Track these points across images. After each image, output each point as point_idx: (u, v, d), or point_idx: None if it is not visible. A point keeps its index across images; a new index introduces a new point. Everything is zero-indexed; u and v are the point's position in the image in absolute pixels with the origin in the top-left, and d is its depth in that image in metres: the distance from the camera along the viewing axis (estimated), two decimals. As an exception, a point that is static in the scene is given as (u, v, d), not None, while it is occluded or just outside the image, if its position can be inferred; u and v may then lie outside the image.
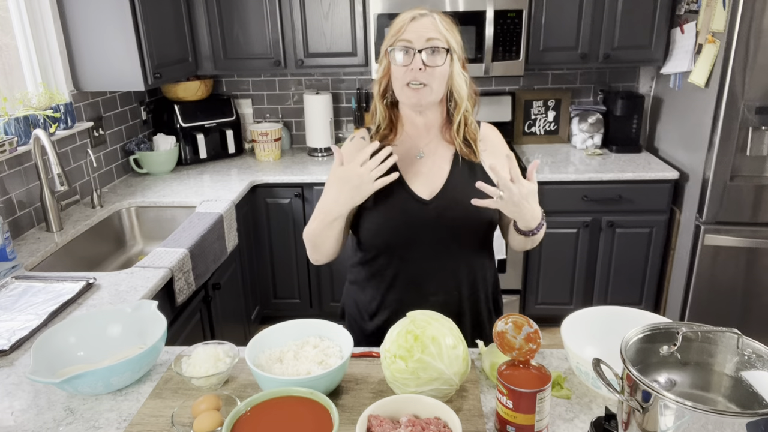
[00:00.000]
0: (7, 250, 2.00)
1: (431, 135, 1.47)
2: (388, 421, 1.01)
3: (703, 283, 2.81)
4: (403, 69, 1.35)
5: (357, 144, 1.50)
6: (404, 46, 1.35)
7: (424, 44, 1.34)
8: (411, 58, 1.34)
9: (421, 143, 1.47)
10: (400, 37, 1.35)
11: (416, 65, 1.34)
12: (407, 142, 1.47)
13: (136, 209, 2.70)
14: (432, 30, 1.35)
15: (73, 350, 1.32)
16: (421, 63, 1.33)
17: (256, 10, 2.98)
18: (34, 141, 2.18)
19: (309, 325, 1.31)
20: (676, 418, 0.81)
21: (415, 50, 1.34)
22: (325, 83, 3.49)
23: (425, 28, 1.34)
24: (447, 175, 1.44)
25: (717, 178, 2.64)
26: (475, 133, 1.47)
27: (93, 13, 2.53)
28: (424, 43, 1.34)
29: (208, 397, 1.12)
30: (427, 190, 1.43)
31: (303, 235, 1.57)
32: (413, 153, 1.46)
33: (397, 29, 1.36)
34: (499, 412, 1.07)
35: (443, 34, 1.35)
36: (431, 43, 1.34)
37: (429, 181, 1.44)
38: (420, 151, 1.46)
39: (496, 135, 1.54)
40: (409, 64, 1.34)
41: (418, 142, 1.47)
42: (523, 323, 1.12)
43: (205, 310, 2.36)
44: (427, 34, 1.34)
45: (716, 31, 2.55)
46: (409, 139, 1.48)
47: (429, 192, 1.43)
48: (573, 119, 3.37)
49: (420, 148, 1.47)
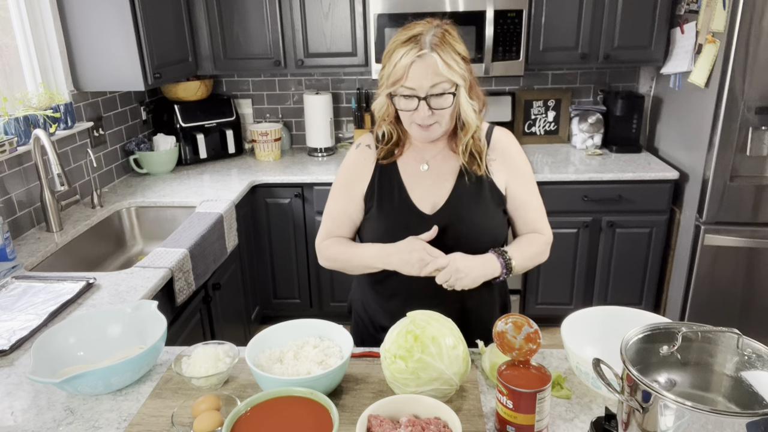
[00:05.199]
0: (7, 250, 2.00)
1: (438, 147, 1.44)
2: (388, 421, 1.01)
3: (703, 283, 2.81)
4: (409, 112, 1.31)
5: (363, 153, 1.47)
6: (408, 95, 1.29)
7: (428, 91, 1.27)
8: (416, 105, 1.29)
9: (426, 155, 1.44)
10: (403, 84, 1.28)
11: (423, 113, 1.29)
12: (412, 152, 1.44)
13: (136, 209, 2.70)
14: (434, 74, 1.26)
15: (73, 350, 1.32)
16: (427, 110, 1.28)
17: (256, 10, 2.98)
18: (34, 141, 2.18)
19: (309, 325, 1.31)
20: (676, 418, 0.81)
21: (420, 98, 1.28)
22: (325, 83, 3.49)
23: (428, 73, 1.26)
24: (451, 188, 1.40)
25: (717, 178, 2.64)
26: (481, 147, 1.41)
27: (93, 13, 2.53)
28: (428, 89, 1.27)
29: (208, 397, 1.12)
30: (430, 203, 1.40)
31: (321, 248, 1.51)
32: (417, 164, 1.43)
33: (399, 76, 1.28)
34: (499, 412, 1.07)
35: (446, 76, 1.27)
36: (436, 89, 1.27)
37: (432, 194, 1.41)
38: (425, 162, 1.43)
39: (509, 139, 1.48)
40: (415, 109, 1.30)
41: (423, 154, 1.44)
42: (523, 323, 1.12)
43: (205, 310, 2.36)
44: (431, 80, 1.26)
45: (716, 31, 2.55)
46: (415, 150, 1.44)
47: (431, 206, 1.40)
48: (573, 119, 3.37)
49: (425, 159, 1.43)
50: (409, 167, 1.43)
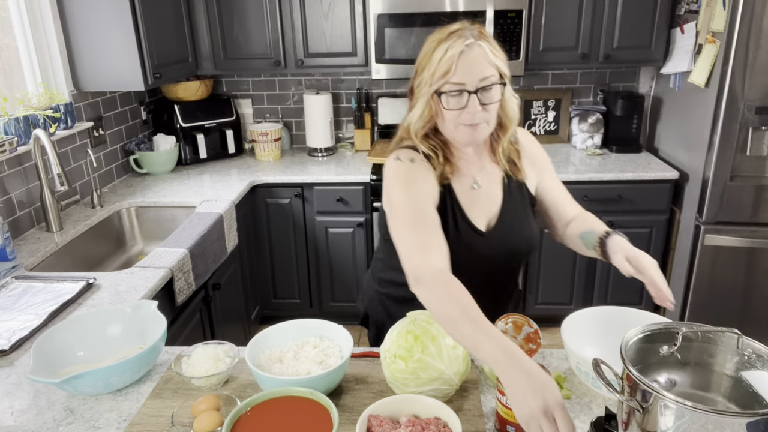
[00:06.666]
0: (7, 250, 2.00)
1: (483, 159, 1.38)
2: (388, 421, 1.01)
3: (703, 283, 2.81)
4: (457, 112, 1.23)
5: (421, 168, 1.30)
6: (456, 90, 1.21)
7: (478, 84, 1.20)
8: (465, 101, 1.21)
9: (474, 170, 1.37)
10: (451, 78, 1.20)
11: (473, 109, 1.21)
12: (461, 170, 1.36)
13: (136, 209, 2.70)
14: (485, 65, 1.20)
15: (74, 350, 1.32)
16: (478, 105, 1.21)
17: (256, 10, 2.99)
18: (34, 141, 2.18)
19: (309, 325, 1.31)
20: (676, 418, 0.81)
21: (470, 92, 1.20)
22: (325, 83, 3.49)
23: (478, 64, 1.19)
24: (501, 201, 1.38)
25: (717, 178, 2.64)
26: (518, 151, 1.39)
27: (93, 13, 2.53)
28: (478, 82, 1.20)
29: (208, 397, 1.12)
30: (484, 219, 1.37)
31: (436, 278, 1.12)
32: (468, 183, 1.36)
33: (445, 69, 1.20)
34: (499, 412, 1.07)
35: (495, 65, 1.21)
36: (486, 81, 1.20)
37: (485, 209, 1.37)
38: (476, 181, 1.37)
39: (531, 141, 1.46)
40: (464, 106, 1.22)
41: (471, 168, 1.37)
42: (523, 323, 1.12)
43: (205, 310, 2.36)
44: (482, 72, 1.20)
45: (716, 31, 2.55)
46: (464, 166, 1.37)
47: (486, 221, 1.37)
48: (573, 119, 3.37)
49: (473, 174, 1.37)
50: (460, 185, 1.35)
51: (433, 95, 1.24)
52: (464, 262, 1.22)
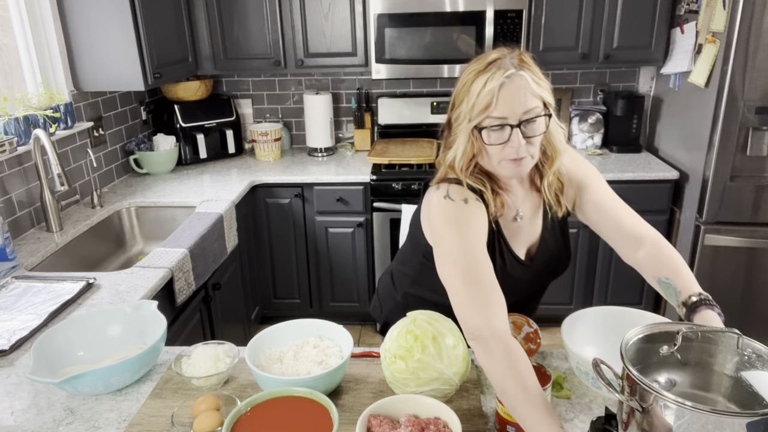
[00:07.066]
0: (7, 250, 2.00)
1: (525, 189, 1.34)
2: (388, 421, 1.01)
3: (703, 283, 2.74)
4: (499, 146, 1.17)
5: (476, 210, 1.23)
6: (497, 125, 1.14)
7: (521, 117, 1.14)
8: (508, 136, 1.15)
9: (517, 201, 1.33)
10: (491, 113, 1.13)
11: (516, 143, 1.14)
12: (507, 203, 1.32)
13: (136, 209, 2.70)
14: (528, 96, 1.13)
15: (74, 350, 1.32)
16: (521, 139, 1.14)
17: (256, 10, 2.98)
18: (34, 141, 2.18)
19: (309, 325, 1.31)
20: (676, 418, 0.81)
21: (512, 126, 1.14)
22: (325, 83, 3.49)
23: (520, 96, 1.13)
24: (540, 230, 1.36)
25: (717, 178, 2.64)
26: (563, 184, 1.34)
27: (93, 13, 2.53)
28: (520, 115, 1.14)
29: (208, 397, 1.12)
30: (524, 248, 1.36)
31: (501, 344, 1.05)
32: (512, 215, 1.32)
33: (486, 103, 1.13)
34: (499, 412, 1.07)
35: (539, 95, 1.15)
36: (530, 114, 1.14)
37: (526, 239, 1.36)
38: (519, 212, 1.33)
39: (571, 161, 1.36)
40: (506, 141, 1.15)
41: (515, 201, 1.33)
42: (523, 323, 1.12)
43: (205, 310, 2.36)
44: (524, 104, 1.13)
45: (716, 31, 2.55)
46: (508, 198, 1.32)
47: (526, 250, 1.36)
48: (573, 119, 3.37)
49: (518, 207, 1.33)
50: (504, 218, 1.31)
51: (473, 131, 1.18)
52: (503, 286, 1.18)
